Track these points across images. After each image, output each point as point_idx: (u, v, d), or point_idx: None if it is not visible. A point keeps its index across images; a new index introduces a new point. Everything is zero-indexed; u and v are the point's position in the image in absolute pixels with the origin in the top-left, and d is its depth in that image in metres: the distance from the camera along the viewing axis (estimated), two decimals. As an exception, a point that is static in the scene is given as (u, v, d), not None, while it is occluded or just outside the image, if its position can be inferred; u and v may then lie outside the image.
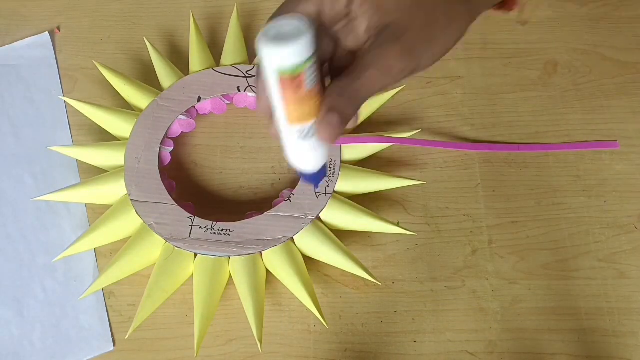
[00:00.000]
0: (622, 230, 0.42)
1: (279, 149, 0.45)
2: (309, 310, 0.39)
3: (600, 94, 0.46)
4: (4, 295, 0.40)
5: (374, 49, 0.25)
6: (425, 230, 0.42)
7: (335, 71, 0.28)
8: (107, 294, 0.40)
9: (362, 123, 0.45)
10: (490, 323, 0.39)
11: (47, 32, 0.49)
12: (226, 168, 0.44)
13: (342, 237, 0.41)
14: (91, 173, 0.43)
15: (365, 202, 0.42)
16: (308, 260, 0.40)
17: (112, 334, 0.39)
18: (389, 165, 0.44)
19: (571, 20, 0.50)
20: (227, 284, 0.39)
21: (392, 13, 0.25)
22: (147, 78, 0.47)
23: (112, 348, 0.39)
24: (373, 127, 0.45)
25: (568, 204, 0.43)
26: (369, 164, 0.44)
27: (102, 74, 0.45)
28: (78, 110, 0.44)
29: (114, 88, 0.45)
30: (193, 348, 0.38)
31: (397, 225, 0.42)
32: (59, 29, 0.50)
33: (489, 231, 0.42)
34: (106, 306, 0.40)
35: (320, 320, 0.37)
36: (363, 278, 0.40)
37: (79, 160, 0.44)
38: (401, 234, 0.41)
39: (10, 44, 0.49)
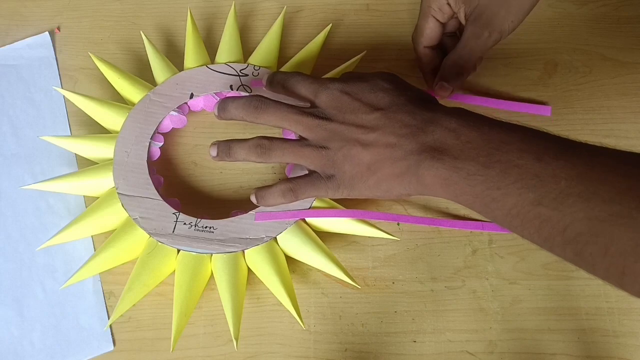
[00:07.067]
0: (622, 230, 0.42)
1: (279, 149, 0.45)
2: (308, 311, 0.39)
3: (600, 94, 0.46)
4: (4, 295, 0.40)
5: (467, 26, 0.39)
6: (425, 230, 0.42)
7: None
8: (107, 294, 0.40)
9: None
10: (490, 323, 0.39)
11: (47, 32, 0.49)
12: (226, 168, 0.44)
13: (341, 236, 0.42)
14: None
15: (366, 201, 0.42)
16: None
17: (112, 334, 0.39)
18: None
19: (571, 20, 0.50)
20: (209, 282, 0.39)
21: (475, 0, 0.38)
22: (145, 77, 0.47)
23: (112, 348, 0.39)
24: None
25: (568, 204, 0.43)
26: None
27: (102, 73, 0.45)
28: (78, 110, 0.44)
29: (114, 88, 0.45)
30: (193, 348, 0.38)
31: (398, 225, 0.42)
32: (59, 29, 0.50)
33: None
34: (106, 306, 0.40)
35: (320, 321, 0.37)
36: (364, 279, 0.40)
37: (78, 158, 0.44)
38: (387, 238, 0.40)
39: (10, 44, 0.49)
